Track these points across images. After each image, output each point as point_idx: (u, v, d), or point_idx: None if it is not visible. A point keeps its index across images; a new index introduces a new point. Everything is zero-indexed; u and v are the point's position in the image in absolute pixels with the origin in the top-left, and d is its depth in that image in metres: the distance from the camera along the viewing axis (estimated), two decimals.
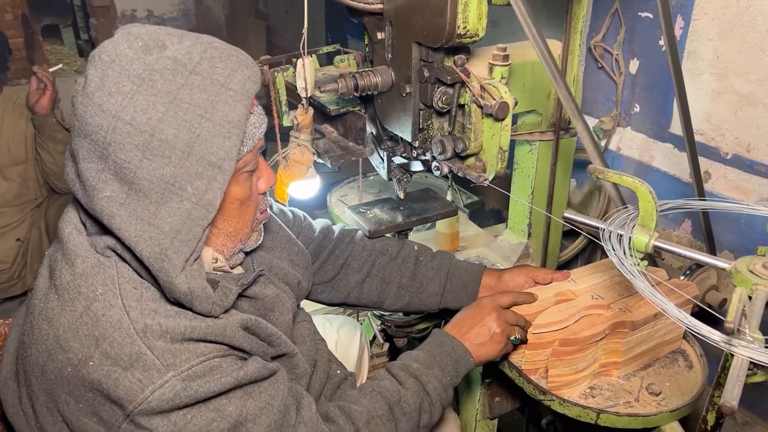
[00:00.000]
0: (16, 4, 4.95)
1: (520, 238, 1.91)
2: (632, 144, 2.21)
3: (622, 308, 1.44)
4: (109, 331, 0.97)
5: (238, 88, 1.00)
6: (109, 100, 0.95)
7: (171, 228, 0.98)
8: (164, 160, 0.96)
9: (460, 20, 1.26)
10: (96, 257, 1.02)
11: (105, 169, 0.97)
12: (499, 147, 1.35)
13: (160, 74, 0.96)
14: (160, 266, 0.98)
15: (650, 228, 1.15)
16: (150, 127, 0.95)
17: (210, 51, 1.00)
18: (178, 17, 5.78)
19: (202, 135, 0.97)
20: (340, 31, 3.72)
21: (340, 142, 1.75)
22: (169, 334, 0.99)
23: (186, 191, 0.97)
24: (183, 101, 0.96)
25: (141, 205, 0.97)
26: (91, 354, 0.97)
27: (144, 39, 0.98)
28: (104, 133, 0.95)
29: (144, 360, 0.96)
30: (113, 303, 0.99)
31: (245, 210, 1.15)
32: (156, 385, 0.95)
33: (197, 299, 1.02)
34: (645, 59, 2.09)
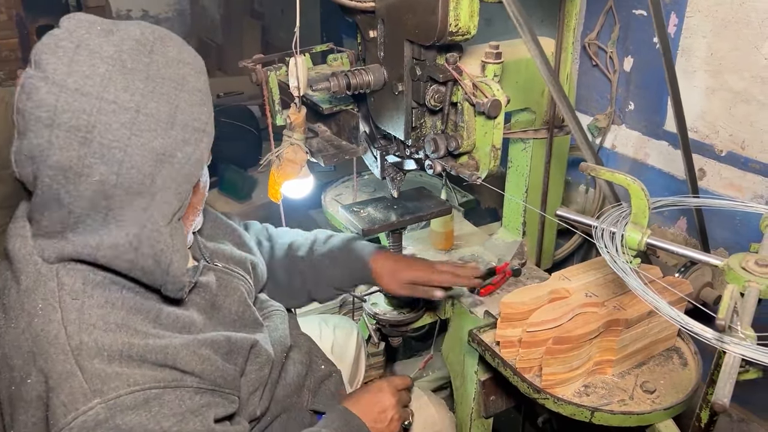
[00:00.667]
0: (10, 5, 4.93)
1: (515, 236, 1.90)
2: (627, 142, 2.21)
3: (616, 306, 1.44)
4: (45, 347, 0.97)
5: (193, 62, 1.07)
6: (87, 83, 0.95)
7: (163, 183, 1.01)
8: (152, 133, 0.99)
9: (452, 18, 1.25)
10: (37, 269, 1.01)
11: (89, 154, 0.96)
12: (492, 145, 1.34)
13: (128, 54, 0.98)
14: (149, 215, 1.00)
15: (643, 225, 1.14)
16: (134, 103, 0.97)
17: (157, 32, 1.04)
18: (173, 17, 5.76)
19: (180, 105, 1.02)
20: (336, 31, 3.72)
21: (333, 141, 1.75)
22: (105, 352, 0.98)
23: (176, 157, 1.02)
24: (156, 77, 1.00)
25: (135, 181, 0.99)
26: (29, 371, 0.97)
27: (99, 24, 1.00)
28: (87, 116, 0.94)
29: (71, 382, 0.95)
30: (52, 318, 0.98)
31: (198, 190, 1.19)
32: (79, 412, 0.94)
33: (176, 254, 1.04)
34: (639, 57, 2.09)
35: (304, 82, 1.58)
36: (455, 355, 1.75)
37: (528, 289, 1.50)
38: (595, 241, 1.16)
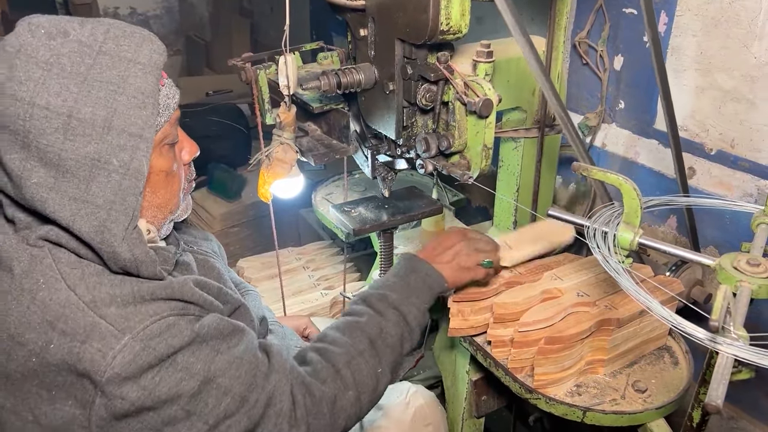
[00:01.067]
0: None
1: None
2: (617, 140, 2.21)
3: (607, 305, 1.44)
4: (60, 311, 1.00)
5: (145, 62, 1.04)
6: (21, 89, 0.96)
7: (105, 201, 1.01)
8: (86, 138, 0.98)
9: (443, 17, 1.24)
10: (29, 253, 1.04)
11: (29, 156, 0.98)
12: (484, 144, 1.34)
13: (67, 57, 0.98)
14: (102, 238, 1.01)
15: (635, 225, 1.14)
16: (66, 108, 0.97)
17: (113, 31, 1.03)
18: (162, 14, 5.72)
19: (118, 109, 1.00)
20: (325, 29, 3.70)
21: (323, 140, 1.73)
22: (118, 298, 1.02)
23: (112, 164, 1.01)
24: (94, 80, 0.99)
25: (71, 186, 0.99)
26: (50, 338, 0.99)
27: (46, 27, 1.00)
28: (22, 121, 0.96)
29: (99, 329, 0.99)
30: (57, 287, 1.01)
31: (172, 180, 1.19)
32: (116, 350, 0.98)
33: (142, 264, 1.05)
34: (629, 55, 2.09)
35: (294, 81, 1.56)
36: (446, 355, 1.75)
37: (520, 289, 1.50)
38: (586, 241, 1.15)
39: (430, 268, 1.38)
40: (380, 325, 1.27)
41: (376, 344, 1.25)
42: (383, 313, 1.29)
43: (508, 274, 1.56)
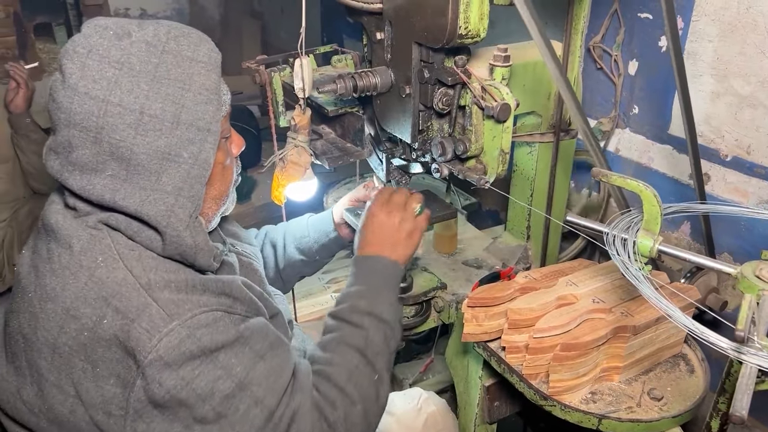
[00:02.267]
0: (8, 2, 4.88)
1: (519, 240, 1.89)
2: (631, 145, 2.20)
3: (623, 312, 1.43)
4: (116, 288, 1.03)
5: (206, 60, 1.09)
6: (95, 87, 1.00)
7: (174, 188, 1.06)
8: (156, 133, 1.03)
9: (462, 21, 1.24)
10: (88, 233, 1.08)
11: (101, 151, 1.02)
12: (500, 149, 1.33)
13: (136, 57, 1.02)
14: (168, 222, 1.06)
15: (654, 232, 1.13)
16: (138, 105, 1.02)
17: (173, 31, 1.08)
18: (172, 16, 5.72)
19: (186, 105, 1.05)
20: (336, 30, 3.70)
21: (337, 143, 1.73)
22: (173, 284, 1.06)
23: (182, 157, 1.06)
24: (162, 78, 1.03)
25: (143, 178, 1.04)
26: (104, 313, 1.02)
27: (113, 28, 1.04)
28: (96, 118, 1.00)
29: (149, 310, 1.02)
30: (115, 266, 1.05)
31: (227, 173, 1.23)
32: (162, 333, 1.01)
33: (201, 252, 1.10)
34: (644, 60, 2.08)
35: (309, 84, 1.56)
36: (459, 360, 1.74)
37: (535, 295, 1.49)
38: (606, 247, 1.14)
39: (382, 260, 1.38)
40: (362, 335, 1.28)
41: (366, 355, 1.26)
42: (360, 323, 1.29)
43: (523, 280, 1.56)
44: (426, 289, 1.74)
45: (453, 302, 1.73)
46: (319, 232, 1.68)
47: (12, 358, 1.12)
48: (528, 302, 1.46)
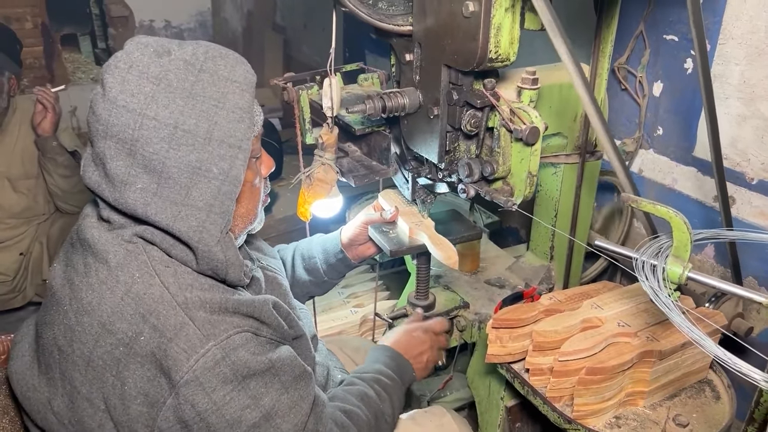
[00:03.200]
0: (36, 14, 4.98)
1: (542, 260, 1.89)
2: (654, 166, 2.19)
3: (649, 337, 1.42)
4: (153, 306, 1.05)
5: (241, 80, 1.12)
6: (132, 101, 1.04)
7: (205, 204, 1.08)
8: (189, 147, 1.06)
9: (492, 45, 1.25)
10: (124, 248, 1.10)
11: (134, 164, 1.05)
12: (528, 171, 1.34)
13: (174, 74, 1.06)
14: (199, 237, 1.08)
15: (684, 259, 1.13)
16: (173, 120, 1.05)
17: (211, 52, 1.11)
18: (195, 28, 5.81)
19: (219, 122, 1.08)
20: (358, 46, 3.73)
21: (363, 162, 1.74)
22: (207, 304, 1.08)
23: (212, 172, 1.08)
24: (198, 95, 1.07)
25: (173, 191, 1.06)
26: (140, 329, 1.05)
27: (153, 46, 1.09)
28: (131, 130, 1.04)
29: (186, 330, 1.04)
30: (152, 282, 1.07)
31: (255, 192, 1.26)
32: (199, 354, 1.03)
33: (232, 267, 1.13)
34: (669, 82, 2.08)
35: (337, 103, 1.58)
36: (481, 380, 1.74)
37: (560, 317, 1.49)
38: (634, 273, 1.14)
39: (410, 367, 1.54)
40: (379, 405, 1.39)
41: (379, 420, 1.38)
42: (381, 395, 1.41)
43: (547, 302, 1.55)
44: (449, 308, 1.75)
45: (476, 321, 1.73)
46: (326, 253, 1.70)
47: (45, 369, 1.14)
48: (553, 324, 1.46)
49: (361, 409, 1.34)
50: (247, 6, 5.18)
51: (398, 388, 1.47)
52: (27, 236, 3.00)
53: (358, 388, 1.40)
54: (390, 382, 1.46)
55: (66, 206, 3.01)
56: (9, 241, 2.96)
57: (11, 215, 2.93)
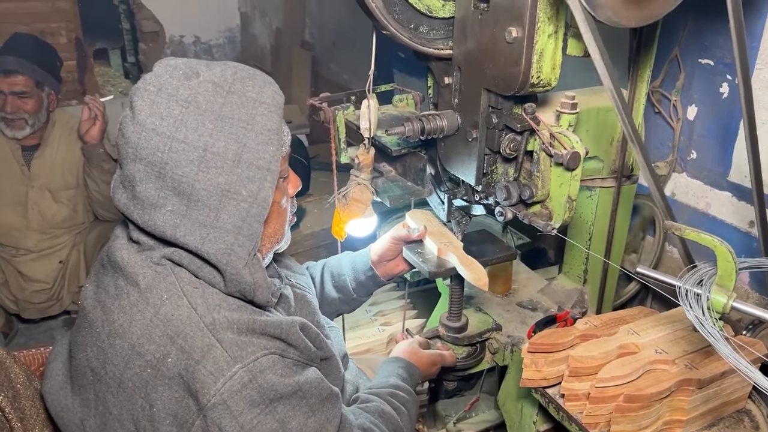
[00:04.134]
0: (71, 29, 5.10)
1: (576, 284, 1.88)
2: (687, 190, 2.17)
3: (687, 365, 1.40)
4: (181, 327, 1.05)
5: (269, 101, 1.12)
6: (162, 124, 1.04)
7: (233, 226, 1.08)
8: (218, 170, 1.05)
9: (534, 70, 1.26)
10: (153, 270, 1.10)
11: (163, 186, 1.05)
12: (568, 196, 1.34)
13: (203, 96, 1.06)
14: (228, 260, 1.08)
15: (729, 288, 1.12)
16: (202, 142, 1.04)
17: (239, 73, 1.11)
18: (224, 44, 5.90)
19: (247, 144, 1.07)
20: (387, 65, 3.76)
21: (398, 182, 1.76)
22: (235, 325, 1.08)
23: (241, 194, 1.07)
24: (227, 117, 1.06)
25: (202, 213, 1.06)
26: (168, 351, 1.05)
27: (182, 68, 1.09)
28: (161, 153, 1.04)
29: (214, 352, 1.04)
30: (180, 303, 1.07)
31: (282, 212, 1.26)
32: (226, 377, 1.03)
33: (259, 289, 1.12)
34: (704, 106, 2.06)
35: (374, 124, 1.60)
36: (512, 404, 1.73)
37: (596, 343, 1.48)
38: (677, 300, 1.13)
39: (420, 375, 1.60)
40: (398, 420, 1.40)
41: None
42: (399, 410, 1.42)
43: (583, 327, 1.54)
44: (481, 330, 1.74)
45: (508, 344, 1.72)
46: (355, 271, 1.70)
47: (79, 390, 1.15)
48: (589, 350, 1.44)
49: (379, 427, 1.33)
50: (276, 23, 5.25)
51: (414, 401, 1.48)
52: (66, 245, 3.06)
53: (375, 405, 1.38)
54: (406, 395, 1.46)
55: (106, 213, 3.07)
56: (49, 250, 3.03)
57: (52, 225, 3.00)
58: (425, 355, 1.63)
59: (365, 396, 1.43)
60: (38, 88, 2.86)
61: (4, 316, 3.14)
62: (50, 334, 3.26)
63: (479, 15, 1.32)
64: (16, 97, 2.80)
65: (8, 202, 2.94)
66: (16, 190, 2.94)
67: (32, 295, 3.04)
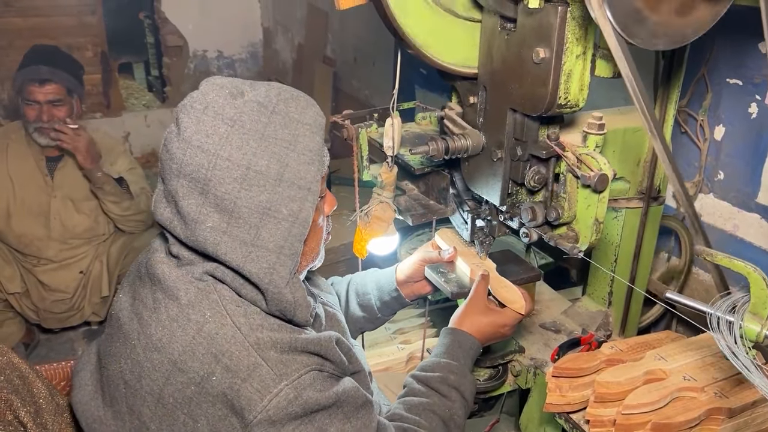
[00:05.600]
0: (96, 43, 5.19)
1: (600, 306, 1.85)
2: (714, 211, 2.14)
3: (717, 393, 1.37)
4: (226, 347, 1.06)
5: (311, 122, 1.13)
6: (207, 141, 1.05)
7: (275, 245, 1.09)
8: (260, 188, 1.06)
9: (562, 91, 1.24)
10: (195, 286, 1.11)
11: (206, 202, 1.06)
12: (595, 218, 1.32)
13: (248, 116, 1.07)
14: (270, 279, 1.09)
15: (762, 316, 1.09)
16: (246, 161, 1.05)
17: (283, 94, 1.13)
18: (246, 58, 5.96)
19: (290, 164, 1.08)
20: (408, 81, 3.76)
21: (420, 200, 1.74)
22: (278, 344, 1.09)
23: (281, 213, 1.08)
24: (270, 137, 1.07)
25: (242, 230, 1.07)
26: (212, 369, 1.05)
27: (228, 87, 1.10)
28: (205, 170, 1.05)
29: (260, 371, 1.05)
30: (223, 322, 1.08)
31: (319, 231, 1.26)
32: (272, 394, 1.04)
33: (299, 308, 1.14)
34: (732, 126, 2.03)
35: (398, 143, 1.59)
36: (535, 428, 1.70)
37: (622, 368, 1.45)
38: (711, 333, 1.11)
39: (475, 342, 1.46)
40: (448, 407, 1.35)
41: (449, 426, 1.33)
42: (448, 395, 1.36)
43: (609, 351, 1.52)
44: (504, 352, 1.71)
45: (531, 367, 1.69)
46: (380, 290, 1.69)
47: (111, 401, 1.15)
48: (615, 375, 1.42)
49: (421, 425, 1.30)
50: (298, 38, 5.29)
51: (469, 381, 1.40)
52: (87, 255, 3.08)
53: (420, 400, 1.35)
54: (456, 376, 1.38)
55: (124, 227, 3.10)
56: (70, 260, 3.05)
57: (74, 235, 3.03)
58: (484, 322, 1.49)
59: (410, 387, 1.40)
60: (69, 96, 2.90)
61: (25, 326, 3.17)
62: (71, 345, 3.28)
63: (506, 35, 1.31)
64: (51, 106, 2.84)
65: (31, 212, 2.97)
66: (38, 200, 2.98)
67: (52, 305, 3.07)
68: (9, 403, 1.16)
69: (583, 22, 1.20)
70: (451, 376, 1.38)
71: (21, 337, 3.13)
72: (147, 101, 6.22)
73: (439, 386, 1.36)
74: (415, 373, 1.41)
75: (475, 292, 1.51)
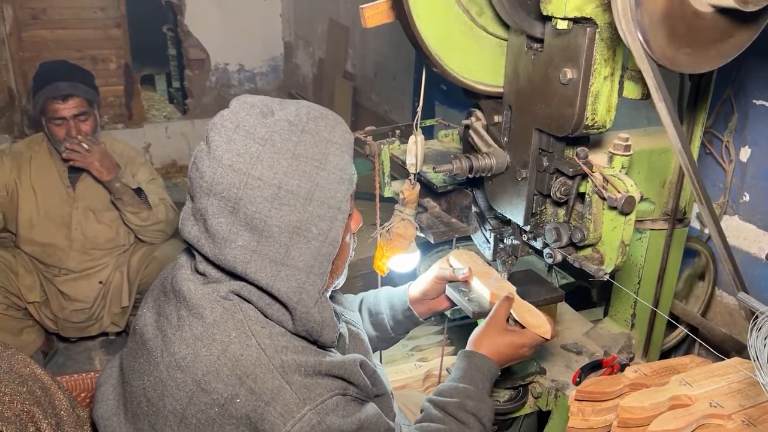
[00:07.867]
0: (120, 55, 5.27)
1: (623, 328, 1.82)
2: (739, 233, 2.11)
3: (745, 420, 1.34)
4: (251, 369, 1.06)
5: (341, 141, 1.12)
6: (238, 160, 1.05)
7: (305, 264, 1.08)
8: (290, 207, 1.06)
9: (589, 112, 1.23)
10: (221, 305, 1.11)
11: (236, 221, 1.06)
12: (621, 240, 1.30)
13: (278, 135, 1.07)
14: (299, 298, 1.08)
15: None
16: (277, 180, 1.05)
17: (312, 113, 1.12)
18: (267, 72, 6.01)
19: (320, 183, 1.08)
20: (428, 97, 3.77)
21: (442, 218, 1.74)
22: (302, 368, 1.08)
23: (311, 232, 1.08)
24: (301, 156, 1.07)
25: (272, 249, 1.07)
26: (237, 392, 1.05)
27: (259, 106, 1.10)
28: (236, 189, 1.05)
29: (284, 395, 1.05)
30: (249, 343, 1.08)
31: (346, 249, 1.25)
32: (295, 419, 1.03)
33: (327, 328, 1.13)
34: (759, 148, 2.01)
35: (421, 160, 1.59)
36: None
37: (647, 393, 1.42)
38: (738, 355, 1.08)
39: (493, 365, 1.42)
40: None
41: None
42: (466, 422, 1.34)
43: (632, 375, 1.49)
44: (525, 373, 1.69)
45: (552, 389, 1.67)
46: (393, 309, 1.67)
47: (133, 419, 1.15)
48: (639, 400, 1.39)
49: None
50: (319, 53, 5.33)
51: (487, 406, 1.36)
52: (108, 266, 3.10)
53: (437, 427, 1.33)
54: (474, 402, 1.35)
55: (144, 238, 3.11)
56: (90, 270, 3.07)
57: (95, 246, 3.05)
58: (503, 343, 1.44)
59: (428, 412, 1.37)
60: (91, 107, 2.93)
61: (44, 335, 3.19)
62: (88, 354, 3.30)
63: (533, 55, 1.31)
64: (77, 120, 2.87)
65: (53, 222, 3.00)
66: (60, 210, 3.00)
67: (72, 315, 3.09)
68: (31, 415, 1.16)
69: (611, 44, 1.19)
70: (469, 402, 1.35)
71: (40, 345, 3.15)
72: (168, 113, 6.30)
73: (456, 412, 1.34)
74: (432, 397, 1.39)
75: (496, 313, 1.48)
